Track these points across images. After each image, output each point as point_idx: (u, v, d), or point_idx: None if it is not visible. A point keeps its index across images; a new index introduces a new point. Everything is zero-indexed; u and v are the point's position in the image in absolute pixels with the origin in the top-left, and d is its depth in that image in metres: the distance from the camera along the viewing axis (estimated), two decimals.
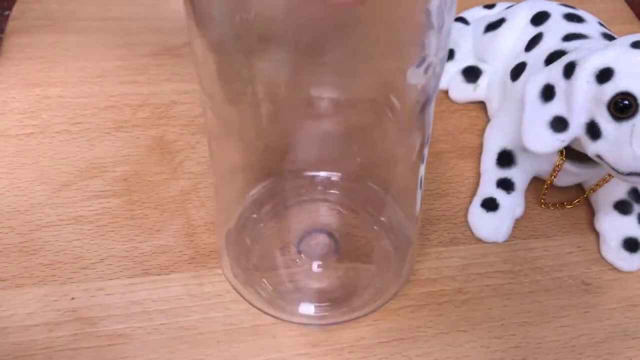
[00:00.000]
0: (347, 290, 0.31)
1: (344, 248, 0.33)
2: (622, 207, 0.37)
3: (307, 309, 0.31)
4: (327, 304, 0.31)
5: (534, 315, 0.34)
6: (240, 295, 0.32)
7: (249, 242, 0.32)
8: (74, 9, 0.46)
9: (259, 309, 0.31)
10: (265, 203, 0.31)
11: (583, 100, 0.32)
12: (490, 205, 0.37)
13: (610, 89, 0.31)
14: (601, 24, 0.39)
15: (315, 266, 0.32)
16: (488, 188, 0.38)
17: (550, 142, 0.33)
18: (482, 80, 0.43)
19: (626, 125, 0.31)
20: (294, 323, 0.31)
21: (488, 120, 0.43)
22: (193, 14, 0.21)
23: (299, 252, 0.32)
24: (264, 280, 0.31)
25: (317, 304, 0.31)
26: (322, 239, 0.32)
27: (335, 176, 0.26)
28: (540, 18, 0.40)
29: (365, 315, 0.32)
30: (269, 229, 0.32)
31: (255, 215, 0.32)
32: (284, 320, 0.31)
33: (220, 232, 0.33)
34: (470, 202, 0.38)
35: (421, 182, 0.29)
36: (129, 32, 0.46)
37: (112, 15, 0.46)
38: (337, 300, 0.31)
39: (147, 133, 0.40)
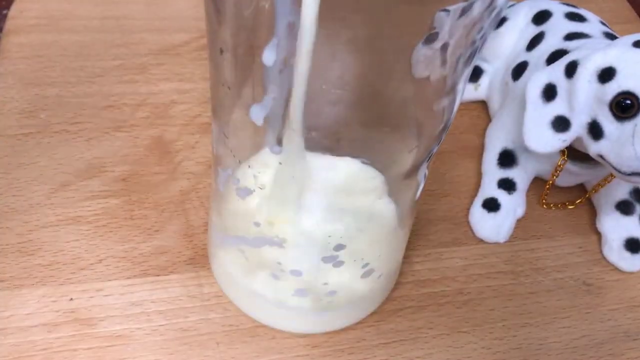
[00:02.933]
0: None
1: None
2: (624, 208, 0.37)
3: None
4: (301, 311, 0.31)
5: (536, 316, 0.34)
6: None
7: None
8: (73, 8, 0.46)
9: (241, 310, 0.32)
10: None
11: (585, 99, 0.32)
12: (491, 205, 0.37)
13: (612, 88, 0.31)
14: (603, 23, 0.39)
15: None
16: (489, 188, 0.38)
17: (551, 142, 0.33)
18: (483, 80, 0.43)
19: (628, 125, 0.30)
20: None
21: (489, 120, 0.43)
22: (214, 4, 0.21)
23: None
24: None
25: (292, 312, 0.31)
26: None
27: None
28: (541, 17, 0.40)
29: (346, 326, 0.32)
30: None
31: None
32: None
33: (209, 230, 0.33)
34: (471, 203, 0.38)
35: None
36: (128, 32, 0.45)
37: (111, 14, 0.46)
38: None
39: (146, 133, 0.40)
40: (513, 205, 0.37)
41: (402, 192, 0.27)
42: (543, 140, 0.33)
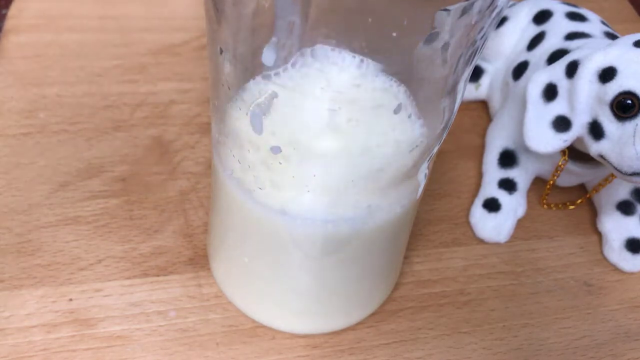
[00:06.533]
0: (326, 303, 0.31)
1: None
2: (625, 208, 0.37)
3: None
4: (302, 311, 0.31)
5: (536, 316, 0.34)
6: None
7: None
8: (72, 7, 0.46)
9: (239, 309, 0.32)
10: None
11: (586, 99, 0.32)
12: (492, 205, 0.37)
13: (613, 88, 0.31)
14: (604, 23, 0.39)
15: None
16: (490, 188, 0.38)
17: (552, 142, 0.33)
18: (484, 80, 0.43)
19: (629, 125, 0.30)
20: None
21: (490, 119, 0.43)
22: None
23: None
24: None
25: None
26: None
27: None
28: (542, 17, 0.40)
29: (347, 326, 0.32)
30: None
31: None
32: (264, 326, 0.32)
33: (210, 230, 0.32)
34: (471, 203, 0.38)
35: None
36: (127, 31, 0.45)
37: (110, 13, 0.46)
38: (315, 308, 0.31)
39: (146, 133, 0.39)
40: (514, 206, 0.37)
41: (403, 191, 0.27)
42: (544, 140, 0.33)
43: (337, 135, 0.23)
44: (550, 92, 0.33)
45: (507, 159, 0.38)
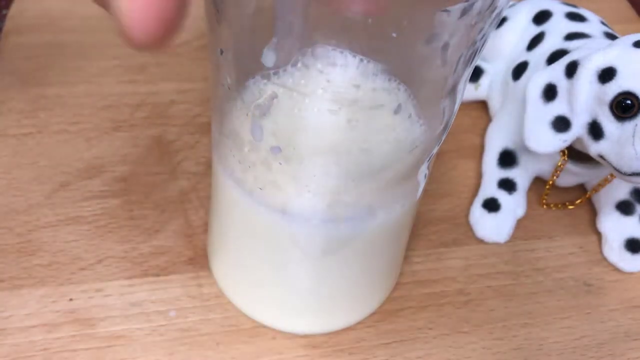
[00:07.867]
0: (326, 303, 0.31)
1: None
2: (625, 208, 0.37)
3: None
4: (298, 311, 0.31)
5: (536, 316, 0.34)
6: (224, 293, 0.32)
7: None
8: (72, 7, 0.46)
9: (240, 310, 0.32)
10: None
11: (585, 99, 0.32)
12: (491, 205, 0.37)
13: (613, 88, 0.31)
14: (603, 23, 0.39)
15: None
16: (489, 188, 0.38)
17: (552, 142, 0.33)
18: (484, 80, 0.43)
19: (629, 125, 0.30)
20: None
21: (490, 119, 0.43)
22: None
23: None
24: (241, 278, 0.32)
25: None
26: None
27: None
28: (542, 17, 0.40)
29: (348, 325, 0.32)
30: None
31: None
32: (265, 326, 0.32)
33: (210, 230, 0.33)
34: (471, 203, 0.38)
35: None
36: None
37: None
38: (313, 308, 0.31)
39: (146, 133, 0.39)
40: (513, 206, 0.37)
41: (403, 191, 0.27)
42: (543, 140, 0.33)
43: (337, 136, 0.23)
44: (550, 93, 0.33)
45: (507, 159, 0.38)
